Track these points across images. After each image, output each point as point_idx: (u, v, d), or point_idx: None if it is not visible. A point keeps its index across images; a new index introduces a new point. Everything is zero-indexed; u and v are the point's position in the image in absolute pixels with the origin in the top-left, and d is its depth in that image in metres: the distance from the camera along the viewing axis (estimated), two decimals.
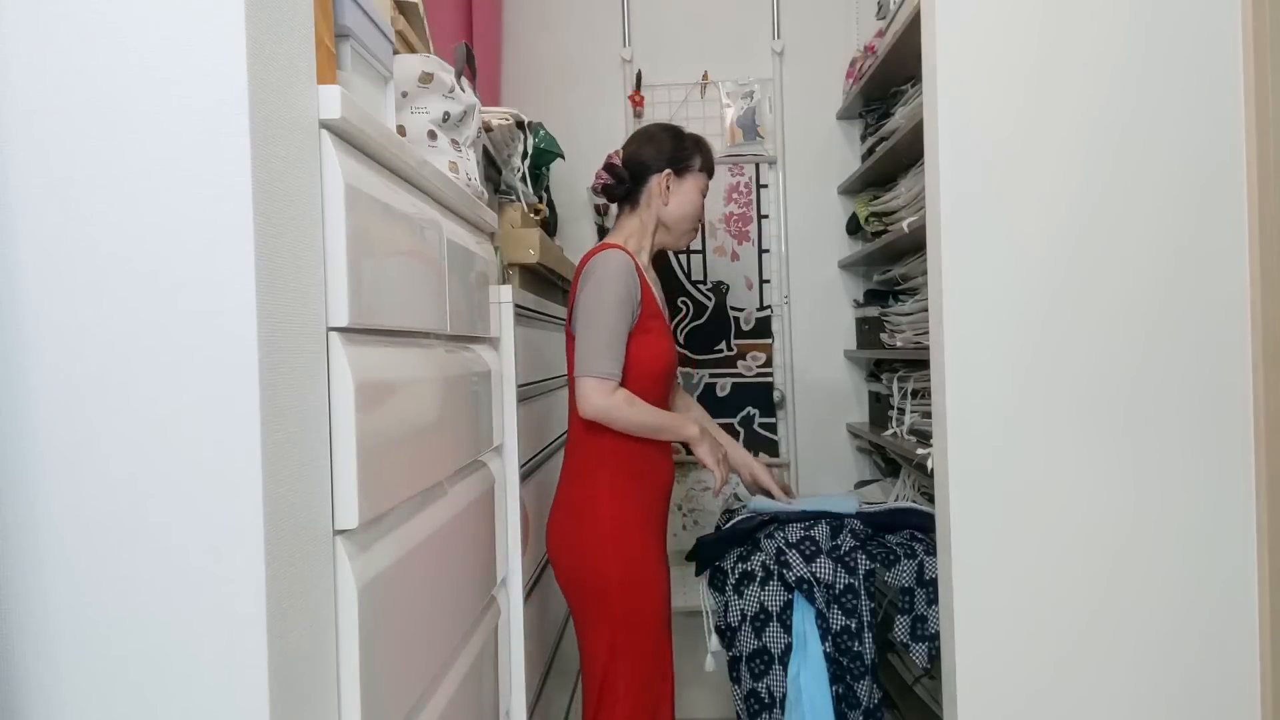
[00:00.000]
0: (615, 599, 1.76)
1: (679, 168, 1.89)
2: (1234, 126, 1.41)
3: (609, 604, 1.76)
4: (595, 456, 1.80)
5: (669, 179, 1.88)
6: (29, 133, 0.70)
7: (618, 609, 1.76)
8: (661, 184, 1.87)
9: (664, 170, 1.87)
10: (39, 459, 0.70)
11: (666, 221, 1.90)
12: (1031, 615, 1.43)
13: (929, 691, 2.24)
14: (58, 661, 0.70)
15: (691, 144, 1.92)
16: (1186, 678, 1.43)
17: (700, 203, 1.92)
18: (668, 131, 1.93)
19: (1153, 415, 1.42)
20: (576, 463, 1.84)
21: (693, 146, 1.91)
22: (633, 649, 1.77)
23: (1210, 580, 1.42)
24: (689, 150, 1.90)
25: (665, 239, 1.93)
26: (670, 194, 1.88)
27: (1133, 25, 1.41)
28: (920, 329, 2.08)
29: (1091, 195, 1.41)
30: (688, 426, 1.83)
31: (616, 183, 1.90)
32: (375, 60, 1.09)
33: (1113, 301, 1.42)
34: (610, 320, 1.71)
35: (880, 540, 2.01)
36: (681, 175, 1.89)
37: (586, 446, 1.82)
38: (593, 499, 1.79)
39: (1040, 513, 1.42)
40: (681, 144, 1.90)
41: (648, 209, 1.90)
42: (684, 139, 1.92)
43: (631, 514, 1.80)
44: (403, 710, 0.99)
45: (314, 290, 0.82)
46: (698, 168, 1.90)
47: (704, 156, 1.92)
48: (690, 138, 1.93)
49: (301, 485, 0.78)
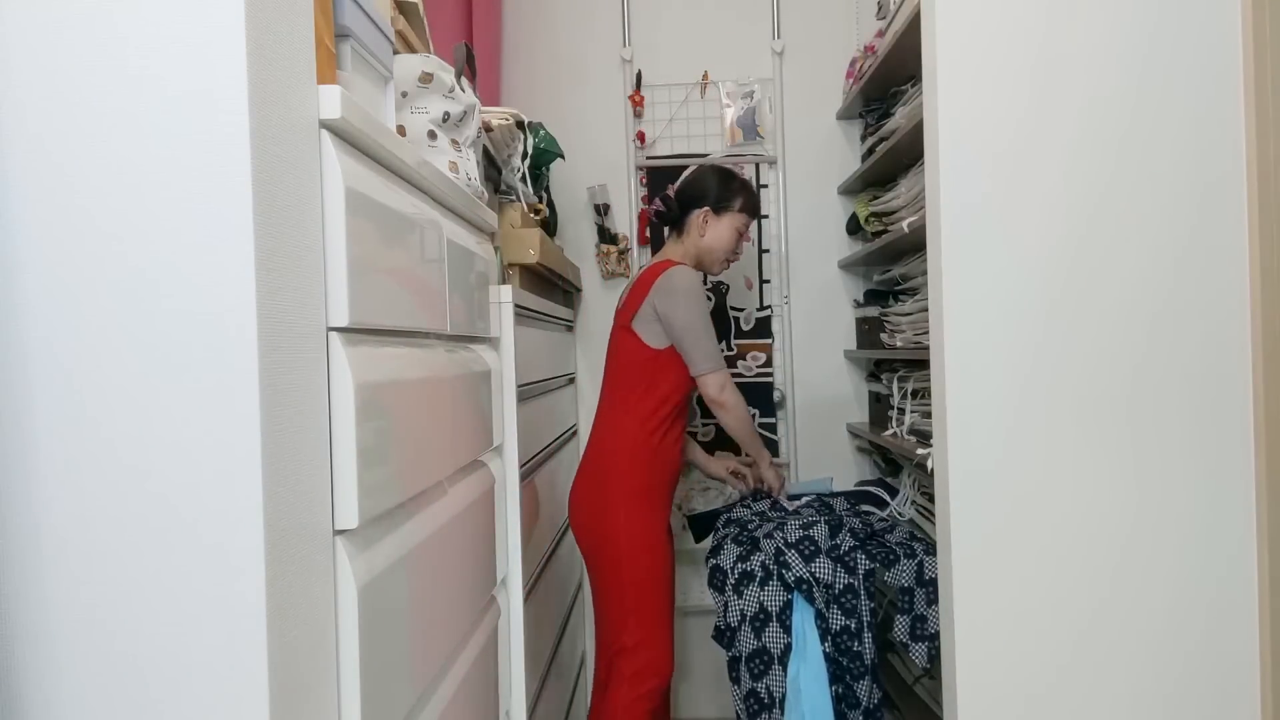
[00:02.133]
0: (625, 560, 2.06)
1: (718, 207, 2.18)
2: (1235, 125, 1.41)
3: (620, 564, 2.06)
4: (621, 436, 2.12)
5: (707, 215, 2.18)
6: (28, 133, 0.70)
7: (627, 569, 2.06)
8: (700, 219, 2.18)
9: (704, 207, 2.18)
10: (39, 459, 0.70)
11: (699, 249, 2.21)
12: (1032, 615, 1.43)
13: (929, 691, 2.24)
14: (58, 661, 0.70)
15: (737, 187, 2.20)
16: (1186, 677, 1.43)
17: (734, 240, 2.20)
18: (718, 174, 2.23)
19: (1153, 414, 1.42)
20: (603, 440, 2.15)
21: (738, 190, 2.20)
22: (640, 606, 2.06)
23: (1210, 580, 1.42)
24: (733, 193, 2.19)
25: (709, 268, 2.25)
26: (707, 228, 2.19)
27: (1133, 26, 1.41)
28: (920, 329, 2.08)
29: (1092, 195, 1.41)
30: (765, 451, 2.29)
31: (667, 210, 2.25)
32: (375, 60, 1.09)
33: (1113, 301, 1.42)
34: (708, 323, 2.09)
35: (880, 540, 2.02)
36: (720, 214, 2.19)
37: (615, 427, 2.13)
38: (611, 470, 2.10)
39: (1040, 512, 1.42)
40: (727, 186, 2.19)
41: (689, 238, 2.21)
42: (731, 182, 2.20)
43: (643, 487, 2.10)
44: (403, 710, 0.99)
45: (314, 290, 0.82)
46: (737, 209, 2.19)
47: (746, 199, 2.20)
48: (738, 181, 2.22)
49: (301, 485, 0.78)
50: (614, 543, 2.07)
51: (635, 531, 2.07)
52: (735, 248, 2.23)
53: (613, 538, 2.07)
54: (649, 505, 2.11)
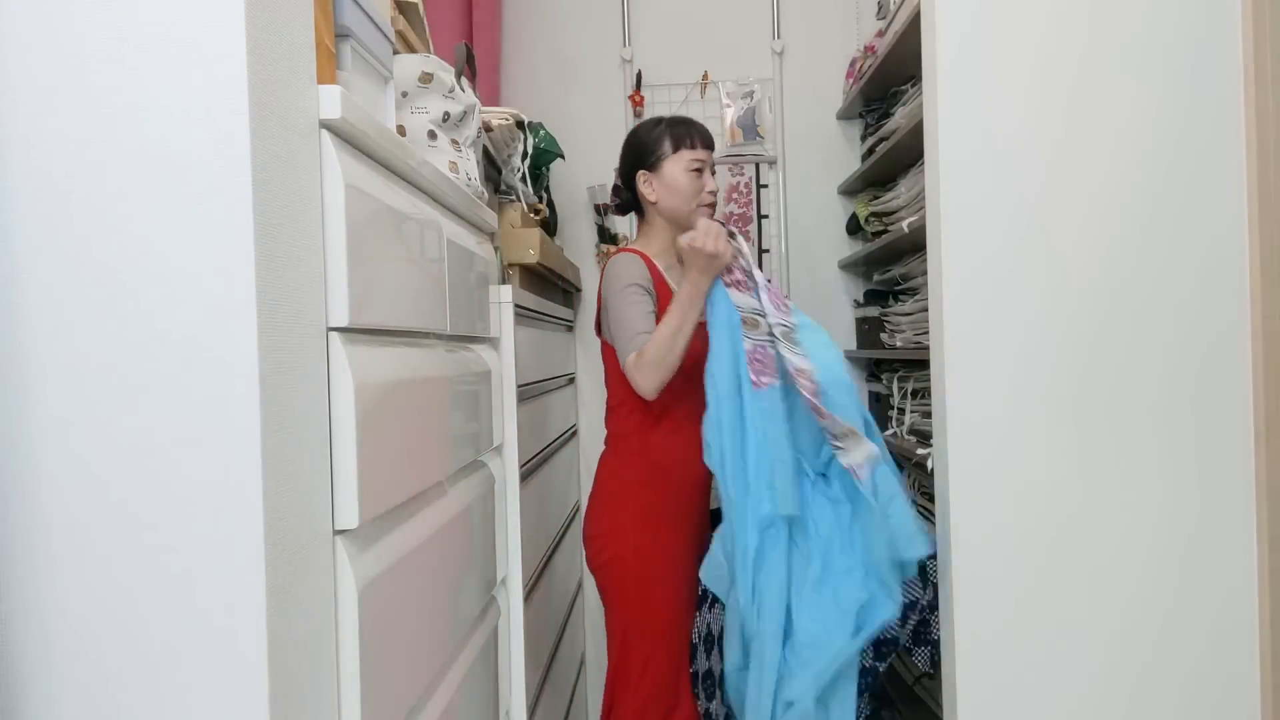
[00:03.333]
0: (630, 586, 1.83)
1: (651, 162, 1.89)
2: (1235, 125, 1.40)
3: (624, 589, 1.83)
4: (621, 451, 1.90)
5: (647, 177, 1.89)
6: (28, 133, 0.70)
7: (632, 595, 1.83)
8: (644, 186, 1.90)
9: (640, 172, 1.90)
10: (38, 460, 0.70)
11: (665, 214, 1.91)
12: (1032, 614, 1.43)
13: (929, 692, 2.24)
14: (58, 662, 0.70)
15: (660, 130, 1.89)
16: (1186, 677, 1.43)
17: (689, 181, 1.86)
18: (634, 134, 1.95)
19: (1153, 414, 1.42)
20: (606, 456, 1.94)
21: (660, 134, 1.89)
22: (644, 634, 1.82)
23: (1210, 580, 1.42)
24: (654, 141, 1.89)
25: (686, 221, 1.86)
26: (654, 189, 1.90)
27: (1132, 23, 1.41)
28: (920, 329, 2.08)
29: (1092, 194, 1.41)
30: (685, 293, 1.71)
31: (621, 201, 2.00)
32: (375, 60, 1.09)
33: (1113, 300, 1.41)
34: (625, 307, 1.77)
35: None
36: (656, 168, 1.88)
37: (614, 443, 1.93)
38: (616, 491, 1.88)
39: (1040, 512, 1.42)
40: (650, 136, 1.90)
41: (649, 213, 1.94)
42: (653, 130, 1.90)
43: (651, 506, 1.85)
44: (403, 710, 0.99)
45: (314, 290, 0.82)
46: (670, 150, 1.87)
47: (673, 133, 1.88)
48: (660, 125, 1.90)
49: (301, 485, 0.78)
50: (618, 571, 1.84)
51: (644, 560, 1.81)
52: (700, 187, 1.87)
53: (616, 565, 1.84)
54: (659, 529, 1.84)
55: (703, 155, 1.89)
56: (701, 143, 1.89)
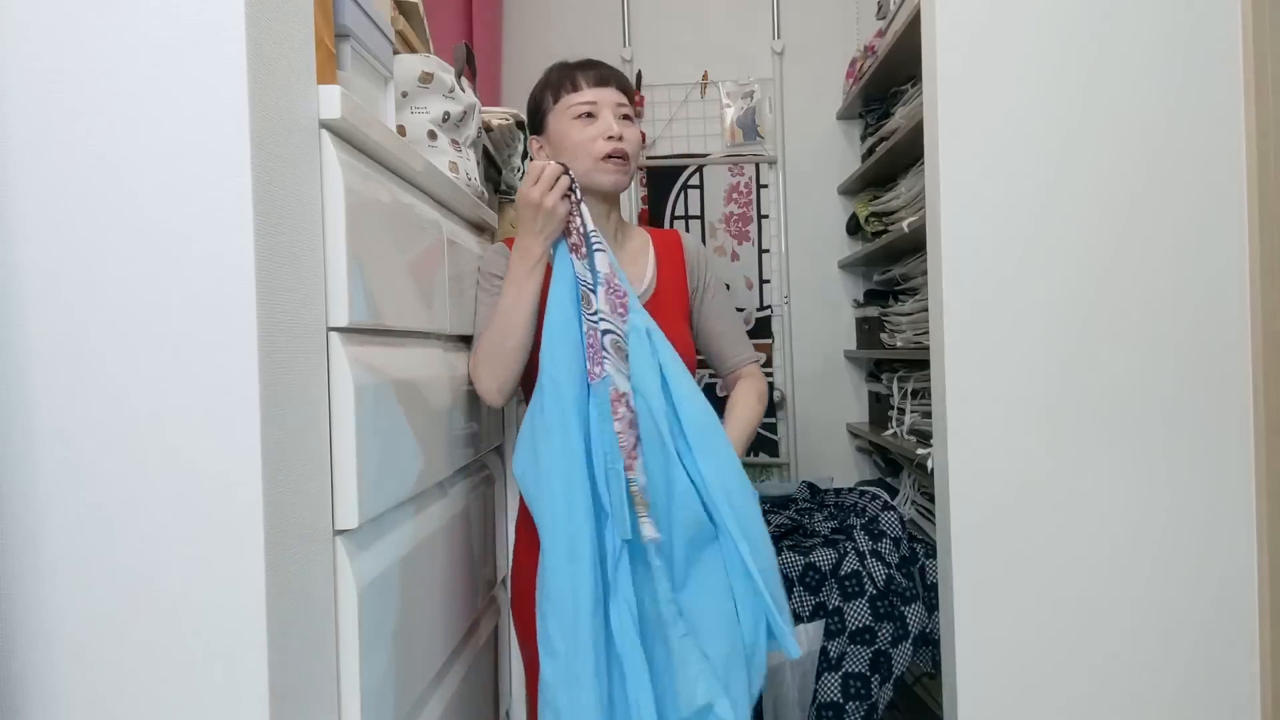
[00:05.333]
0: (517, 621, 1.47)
1: (536, 125, 1.56)
2: (1235, 125, 1.41)
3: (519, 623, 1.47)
4: None
5: (538, 144, 1.54)
6: (29, 133, 0.70)
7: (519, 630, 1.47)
8: (539, 154, 1.55)
9: (531, 140, 1.57)
10: (39, 459, 0.70)
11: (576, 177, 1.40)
12: (1031, 615, 1.43)
13: (929, 691, 2.24)
14: (58, 661, 0.70)
15: (537, 90, 1.56)
16: (1186, 678, 1.43)
17: (574, 128, 1.48)
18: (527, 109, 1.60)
19: (1153, 414, 1.42)
20: None
21: (538, 92, 1.56)
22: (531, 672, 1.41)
23: (1210, 580, 1.42)
24: (536, 100, 1.56)
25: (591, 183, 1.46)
26: (548, 156, 1.50)
27: (1132, 24, 1.41)
28: (920, 329, 2.08)
29: (1092, 194, 1.41)
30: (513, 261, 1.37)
31: None
32: (375, 60, 1.09)
33: (1113, 300, 1.41)
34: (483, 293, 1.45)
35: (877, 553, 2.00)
36: (543, 130, 1.53)
37: None
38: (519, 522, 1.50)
39: (1040, 512, 1.42)
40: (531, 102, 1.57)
41: None
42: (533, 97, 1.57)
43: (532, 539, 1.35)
44: (403, 710, 0.99)
45: (314, 290, 0.82)
46: (551, 105, 1.52)
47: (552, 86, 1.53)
48: (536, 86, 1.57)
49: (301, 485, 0.78)
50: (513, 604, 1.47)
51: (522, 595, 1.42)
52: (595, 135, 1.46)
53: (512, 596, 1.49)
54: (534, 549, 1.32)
55: (589, 96, 1.49)
56: (588, 81, 1.50)
